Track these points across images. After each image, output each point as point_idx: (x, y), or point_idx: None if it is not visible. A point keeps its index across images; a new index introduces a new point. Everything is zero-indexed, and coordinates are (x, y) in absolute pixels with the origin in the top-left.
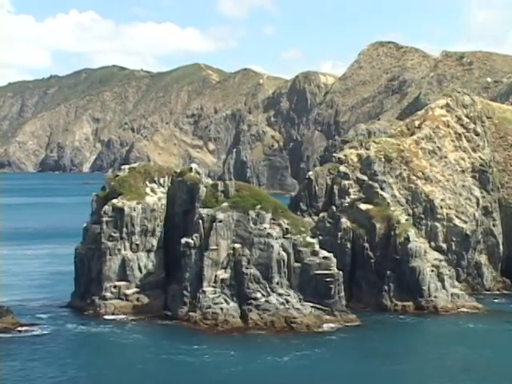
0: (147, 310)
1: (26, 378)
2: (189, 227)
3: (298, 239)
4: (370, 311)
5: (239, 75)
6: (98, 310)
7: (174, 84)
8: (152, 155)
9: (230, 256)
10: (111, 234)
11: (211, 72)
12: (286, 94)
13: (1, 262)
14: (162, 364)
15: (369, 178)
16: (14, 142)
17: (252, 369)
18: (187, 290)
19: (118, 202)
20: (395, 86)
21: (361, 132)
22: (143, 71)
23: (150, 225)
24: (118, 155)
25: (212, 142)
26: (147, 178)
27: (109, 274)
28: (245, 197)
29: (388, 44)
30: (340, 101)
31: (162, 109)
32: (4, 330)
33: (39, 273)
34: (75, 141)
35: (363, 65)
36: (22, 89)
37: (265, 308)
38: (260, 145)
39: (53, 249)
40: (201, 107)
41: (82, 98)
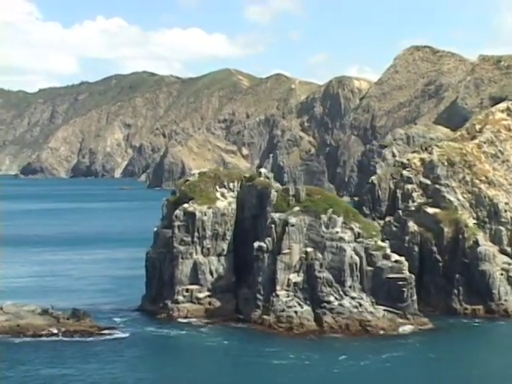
0: (219, 314)
1: (113, 379)
2: (258, 231)
3: (370, 243)
4: (439, 315)
5: (271, 80)
6: (170, 314)
7: (204, 89)
8: (186, 160)
9: (303, 260)
10: (183, 238)
11: (242, 77)
12: (319, 99)
13: (61, 267)
14: (244, 367)
15: (432, 182)
16: (47, 148)
17: (336, 371)
18: (260, 294)
19: (189, 206)
20: (432, 91)
21: (399, 136)
22: (173, 77)
23: (220, 229)
24: (150, 161)
25: (245, 147)
26: (217, 183)
27: (181, 277)
28: (316, 201)
29: (424, 48)
30: (376, 105)
31: (193, 114)
32: (84, 333)
33: (101, 277)
34: (107, 146)
35: (399, 69)
36: (52, 95)
37: (339, 311)
38: (297, 150)
39: (108, 253)
40: (232, 112)
41: (114, 103)
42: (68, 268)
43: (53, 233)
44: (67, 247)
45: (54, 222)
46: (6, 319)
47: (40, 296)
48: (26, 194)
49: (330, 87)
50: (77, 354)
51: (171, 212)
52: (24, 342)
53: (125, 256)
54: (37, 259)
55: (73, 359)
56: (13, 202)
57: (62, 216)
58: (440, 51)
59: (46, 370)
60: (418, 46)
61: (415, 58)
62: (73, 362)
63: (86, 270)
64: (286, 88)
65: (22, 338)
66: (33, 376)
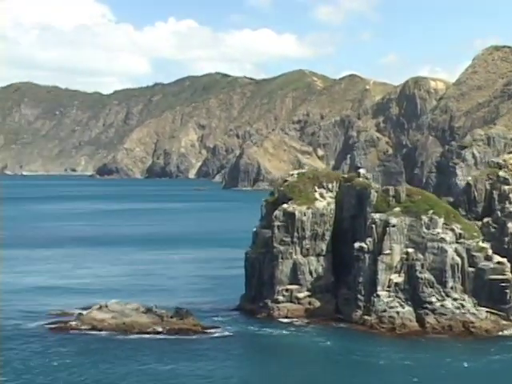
0: (319, 314)
1: (224, 377)
2: (357, 232)
3: (471, 244)
4: None
5: (345, 81)
6: (270, 313)
7: (278, 90)
8: (262, 161)
9: (404, 260)
10: (282, 239)
11: (315, 78)
12: (395, 100)
13: (153, 267)
14: (351, 366)
15: None
16: (122, 148)
17: (443, 372)
18: (361, 294)
19: (288, 206)
20: (511, 91)
21: (479, 137)
22: (246, 78)
23: (319, 229)
24: (224, 161)
25: (321, 148)
26: (316, 183)
27: (281, 277)
28: (417, 201)
29: (503, 48)
30: (454, 106)
31: (267, 115)
32: (188, 332)
33: (194, 277)
34: (181, 147)
35: (478, 69)
36: (127, 97)
37: (441, 312)
38: (374, 150)
39: (196, 253)
40: (307, 113)
41: (188, 105)
42: (160, 267)
43: (138, 232)
44: (155, 247)
45: (137, 222)
46: (112, 317)
47: (137, 295)
48: (105, 194)
49: (405, 88)
50: (185, 352)
51: (270, 212)
52: (131, 340)
53: (213, 256)
54: (127, 259)
55: (181, 356)
56: (94, 202)
57: (145, 216)
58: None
59: (157, 366)
60: (497, 46)
61: (494, 57)
62: (182, 359)
63: (178, 269)
64: (360, 89)
65: (129, 335)
66: (144, 372)
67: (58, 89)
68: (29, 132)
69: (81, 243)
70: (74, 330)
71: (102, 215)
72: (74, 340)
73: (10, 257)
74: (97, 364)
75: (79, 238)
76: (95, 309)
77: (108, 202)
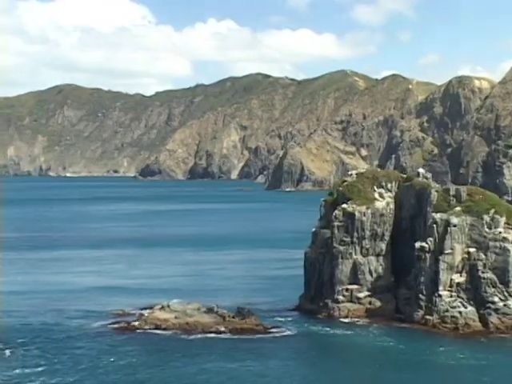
0: (379, 314)
1: (292, 376)
2: (416, 232)
3: None
4: None
5: (387, 81)
6: (331, 313)
7: (320, 91)
8: (305, 161)
9: (465, 260)
10: (342, 239)
11: (357, 78)
12: (438, 99)
13: (207, 267)
14: (419, 366)
15: None
16: (164, 150)
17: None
18: (422, 294)
19: (348, 206)
20: None
21: None
22: (288, 78)
23: (379, 229)
24: (267, 162)
25: (364, 148)
26: (375, 183)
27: (341, 277)
28: (478, 201)
29: None
30: (500, 105)
31: (309, 116)
32: (250, 331)
33: (250, 277)
34: (223, 148)
35: None
36: (168, 98)
37: (504, 312)
38: (419, 150)
39: (248, 254)
40: (349, 113)
41: (230, 105)
42: (214, 268)
43: (188, 233)
44: (206, 247)
45: (185, 223)
46: (175, 317)
47: (194, 295)
48: (150, 195)
49: (449, 87)
50: (249, 351)
51: (329, 212)
52: (196, 339)
53: (265, 256)
54: (180, 259)
55: (247, 356)
56: (140, 203)
57: (192, 217)
58: None
59: (224, 365)
60: None
61: None
62: (247, 358)
63: (232, 269)
64: (402, 88)
65: (192, 335)
66: (212, 371)
67: (100, 91)
68: (72, 134)
69: (132, 244)
70: (138, 329)
71: (149, 216)
72: (140, 339)
73: (65, 257)
74: (165, 363)
75: (129, 238)
76: (157, 309)
77: (153, 202)
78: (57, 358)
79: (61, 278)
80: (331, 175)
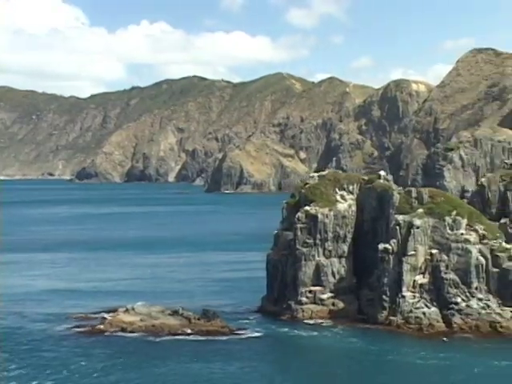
0: (342, 315)
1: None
2: (378, 233)
3: (495, 244)
4: None
5: (324, 84)
6: (295, 315)
7: (257, 94)
8: (245, 164)
9: (428, 261)
10: (305, 241)
11: (294, 81)
12: (376, 102)
13: (160, 270)
14: (387, 366)
15: None
16: (101, 152)
17: (480, 372)
18: (386, 295)
19: (310, 209)
20: (495, 93)
21: (466, 139)
22: (224, 81)
23: (341, 231)
24: (204, 165)
25: (303, 151)
26: (337, 186)
27: (304, 279)
28: (439, 203)
29: (486, 51)
30: (439, 108)
31: (246, 118)
32: (217, 333)
33: (205, 279)
34: (160, 151)
35: (462, 72)
36: (104, 100)
37: (467, 313)
38: (359, 153)
39: (198, 256)
40: (287, 116)
41: (166, 108)
42: (167, 271)
43: (133, 236)
44: (154, 250)
45: (128, 226)
46: (141, 319)
47: (152, 298)
48: (88, 198)
49: (387, 90)
50: (217, 353)
51: (291, 214)
52: (164, 341)
53: (217, 259)
54: (130, 262)
55: (214, 357)
56: (79, 206)
57: (134, 220)
58: (504, 53)
59: (193, 367)
60: (480, 49)
61: (478, 60)
62: (215, 360)
63: (185, 272)
64: (339, 92)
65: (160, 337)
66: (181, 373)
67: (34, 93)
68: (5, 136)
69: (79, 247)
70: (104, 332)
71: (91, 219)
72: (108, 342)
73: (14, 261)
74: (136, 366)
75: (76, 241)
76: (122, 312)
77: (94, 205)
78: (26, 362)
79: (14, 281)
80: (270, 178)
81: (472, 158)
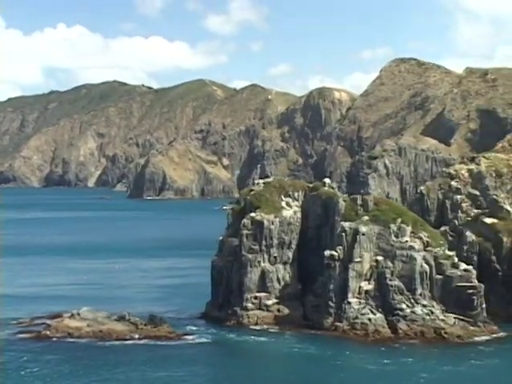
0: (288, 321)
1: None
2: (322, 240)
3: (439, 252)
4: (500, 322)
5: (246, 91)
6: (240, 320)
7: (178, 100)
8: (167, 170)
9: (373, 268)
10: (251, 247)
11: (216, 88)
12: (299, 110)
13: (96, 276)
14: (335, 371)
15: (480, 193)
16: (19, 156)
17: (439, 377)
18: (332, 301)
19: (256, 215)
20: (418, 102)
21: (391, 148)
22: (144, 87)
23: (286, 238)
24: (125, 170)
25: (226, 158)
26: (282, 192)
27: (249, 285)
28: (384, 210)
29: (409, 60)
30: (362, 117)
31: (167, 124)
32: (166, 339)
33: (142, 285)
34: (80, 156)
35: (385, 81)
36: (21, 104)
37: (412, 319)
38: (284, 160)
39: (132, 262)
40: (208, 123)
41: (86, 113)
42: (103, 276)
43: (62, 241)
44: (87, 256)
45: (55, 231)
46: (88, 325)
47: (94, 303)
48: (9, 203)
49: (310, 98)
50: (165, 358)
51: (236, 221)
52: (113, 346)
53: (150, 265)
54: (64, 267)
55: (163, 363)
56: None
57: (61, 224)
58: (426, 63)
59: (143, 372)
60: (403, 58)
61: (401, 69)
62: (164, 365)
63: (122, 278)
64: (261, 99)
65: (109, 342)
66: (132, 378)
67: None
68: None
69: (6, 252)
70: (51, 338)
71: (12, 224)
72: (58, 348)
73: None
74: (91, 371)
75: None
76: (67, 317)
77: (13, 210)
78: None
79: None
80: (193, 184)
81: (396, 166)
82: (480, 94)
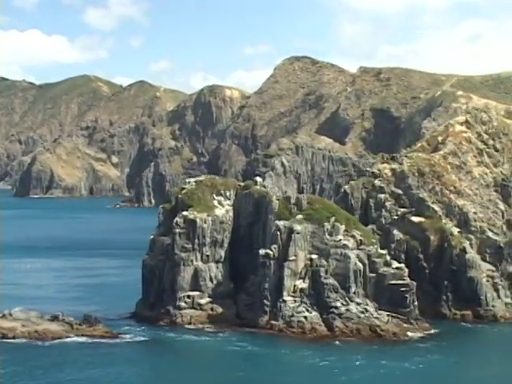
0: (221, 319)
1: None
2: (254, 239)
3: (372, 250)
4: (427, 319)
5: (134, 88)
6: (174, 319)
7: (62, 96)
8: (55, 168)
9: (308, 266)
10: (184, 246)
11: (101, 84)
12: (190, 108)
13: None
14: (273, 368)
15: (403, 192)
16: None
17: (386, 373)
18: (267, 300)
19: (189, 214)
20: (312, 101)
21: (288, 146)
22: (26, 82)
23: (219, 236)
24: (8, 168)
25: (115, 155)
26: (214, 191)
27: (182, 284)
28: (318, 209)
29: (303, 59)
30: (257, 115)
31: (51, 121)
32: (102, 338)
33: (61, 285)
34: None
35: (279, 79)
36: None
37: (347, 316)
38: (178, 158)
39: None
40: (95, 119)
41: None
42: (19, 276)
43: None
44: None
45: None
46: (22, 324)
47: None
48: None
49: (201, 96)
50: (104, 357)
51: (168, 219)
52: (52, 345)
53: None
54: None
55: (103, 361)
56: None
57: None
58: (319, 62)
59: (92, 371)
60: (297, 57)
61: (295, 68)
62: (103, 364)
63: (36, 277)
64: (150, 96)
65: (47, 342)
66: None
67: None
68: None
69: None
70: None
71: None
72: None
73: None
74: (37, 372)
75: None
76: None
77: None
78: None
79: None
80: (82, 182)
81: (293, 164)
82: (374, 92)
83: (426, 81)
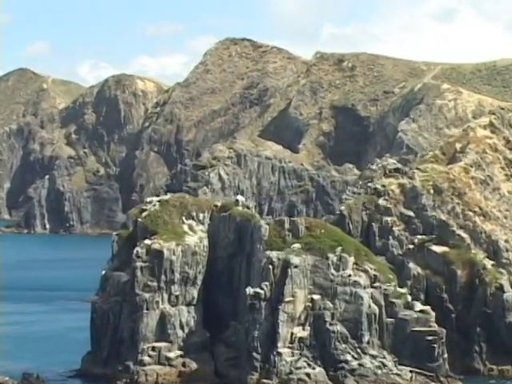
0: (197, 377)
1: None
2: (235, 275)
3: (389, 289)
4: (460, 377)
5: (13, 77)
6: (135, 378)
7: None
8: None
9: (309, 310)
10: (147, 284)
11: None
12: (91, 104)
13: None
14: None
15: (416, 215)
16: None
17: None
18: (257, 352)
19: (153, 243)
20: (254, 96)
21: (226, 155)
22: None
23: (191, 271)
24: None
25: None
26: (183, 213)
27: (145, 332)
28: (319, 237)
29: (243, 42)
30: (182, 114)
31: None
32: None
33: None
34: None
35: (211, 68)
36: None
37: (361, 373)
38: (81, 170)
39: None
40: None
41: None
42: None
43: None
44: None
45: None
46: None
47: None
48: None
49: (105, 89)
50: None
51: (125, 250)
52: None
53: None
54: None
55: None
56: None
57: None
58: (263, 46)
59: None
60: (235, 39)
61: (231, 53)
62: None
63: None
64: (35, 88)
65: None
66: None
67: None
68: None
69: None
70: None
71: None
72: None
73: None
74: None
75: None
76: None
77: None
78: None
79: None
80: None
81: (234, 178)
82: (335, 86)
83: (401, 70)
